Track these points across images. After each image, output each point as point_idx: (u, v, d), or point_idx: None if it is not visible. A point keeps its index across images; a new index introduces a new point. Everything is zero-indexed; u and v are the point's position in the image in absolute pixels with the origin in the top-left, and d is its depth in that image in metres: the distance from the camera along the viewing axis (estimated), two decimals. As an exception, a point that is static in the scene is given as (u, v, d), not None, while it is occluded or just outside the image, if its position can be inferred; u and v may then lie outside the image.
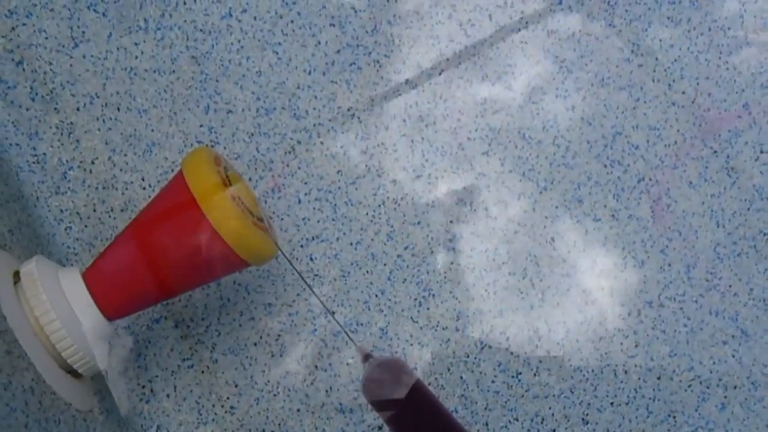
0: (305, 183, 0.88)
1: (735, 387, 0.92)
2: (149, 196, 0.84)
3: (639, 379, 0.91)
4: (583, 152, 0.93)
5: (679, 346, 0.92)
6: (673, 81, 0.94)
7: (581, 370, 0.90)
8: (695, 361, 0.92)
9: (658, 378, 0.91)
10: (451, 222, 0.90)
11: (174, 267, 0.67)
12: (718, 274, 0.93)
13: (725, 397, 0.92)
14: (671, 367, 0.91)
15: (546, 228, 0.91)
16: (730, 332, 0.93)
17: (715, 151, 0.94)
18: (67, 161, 0.84)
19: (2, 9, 0.83)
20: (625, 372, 0.91)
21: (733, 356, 0.93)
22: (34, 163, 0.83)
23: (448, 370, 0.88)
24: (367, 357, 0.64)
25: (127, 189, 0.85)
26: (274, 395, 0.85)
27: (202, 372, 0.84)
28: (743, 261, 0.94)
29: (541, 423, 0.89)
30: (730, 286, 0.93)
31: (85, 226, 0.83)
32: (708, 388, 0.92)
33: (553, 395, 0.89)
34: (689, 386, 0.91)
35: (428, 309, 0.89)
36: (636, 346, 0.91)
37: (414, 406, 0.62)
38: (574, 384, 0.90)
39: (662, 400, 0.91)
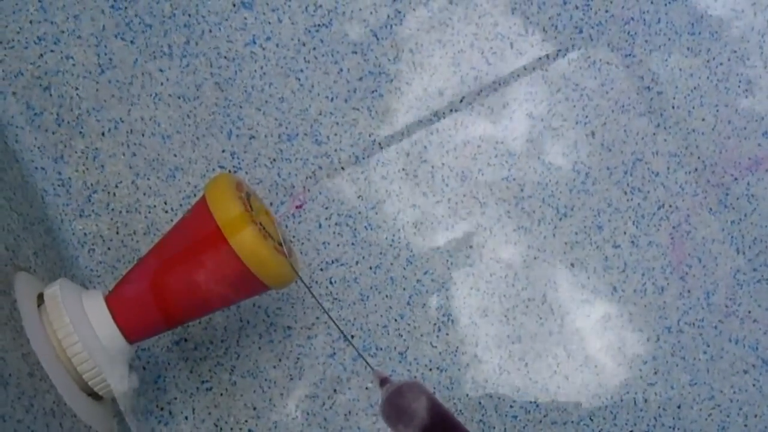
0: (326, 208, 0.89)
1: (756, 416, 0.92)
2: (172, 220, 0.85)
3: (659, 407, 0.90)
4: (603, 179, 0.93)
5: (699, 374, 0.91)
6: (693, 108, 0.94)
7: (600, 397, 0.90)
8: (715, 389, 0.91)
9: (678, 407, 0.91)
10: (470, 247, 0.90)
11: (195, 291, 0.67)
12: (738, 301, 0.93)
13: (746, 426, 0.91)
14: (691, 396, 0.91)
15: (566, 254, 0.92)
16: (750, 361, 0.92)
17: (736, 178, 0.94)
18: (91, 185, 0.85)
19: (31, 36, 0.85)
20: (645, 400, 0.90)
21: (754, 385, 0.92)
22: (59, 186, 0.84)
23: (467, 395, 0.88)
24: (384, 381, 0.64)
25: (150, 213, 0.86)
26: (293, 419, 0.85)
27: (221, 394, 0.85)
28: (763, 288, 0.93)
29: (560, 450, 0.89)
30: (749, 312, 0.93)
31: (109, 249, 0.84)
32: (728, 417, 0.91)
33: (572, 422, 0.89)
34: (709, 415, 0.91)
35: (447, 334, 0.89)
36: (655, 373, 0.91)
37: (434, 430, 0.62)
38: (592, 411, 0.89)
39: (682, 429, 0.90)
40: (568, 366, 0.90)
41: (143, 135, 0.86)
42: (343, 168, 0.89)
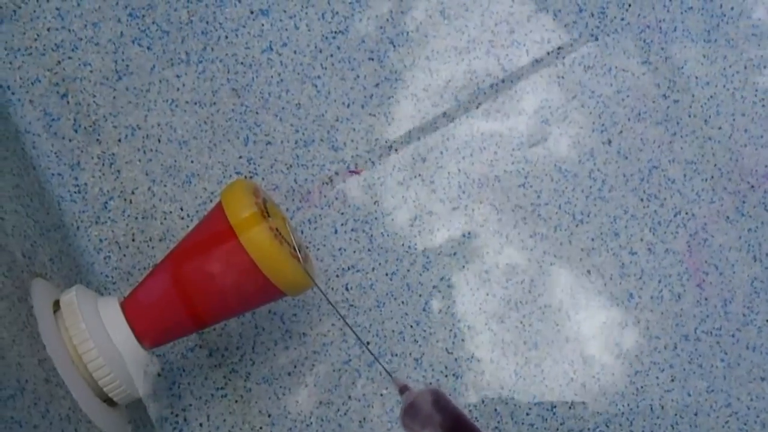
0: (342, 213, 0.89)
1: (773, 424, 0.91)
2: (188, 227, 0.85)
3: (676, 414, 0.90)
4: (619, 186, 0.93)
5: (716, 381, 0.91)
6: (710, 117, 0.94)
7: (617, 405, 0.89)
8: (732, 397, 0.91)
9: (695, 414, 0.90)
10: (487, 253, 0.90)
11: (211, 298, 0.67)
12: (756, 309, 0.93)
13: (763, 434, 0.91)
14: (708, 403, 0.90)
15: (582, 260, 0.91)
16: (767, 368, 0.92)
17: (752, 186, 0.94)
18: (107, 191, 0.85)
19: (49, 43, 0.85)
20: (662, 407, 0.90)
21: (771, 393, 0.92)
22: (75, 192, 0.84)
23: (482, 402, 0.88)
24: (404, 389, 0.64)
25: (166, 219, 0.86)
26: (307, 425, 0.85)
27: (236, 401, 0.85)
28: (781, 296, 0.93)
29: (576, 458, 0.88)
30: (767, 321, 0.92)
31: (124, 255, 0.85)
32: (745, 424, 0.91)
33: (588, 429, 0.89)
34: (726, 422, 0.90)
35: (463, 340, 0.89)
36: (672, 380, 0.90)
37: None
38: (609, 418, 0.89)
39: (699, 436, 0.90)
40: (585, 373, 0.89)
41: (160, 141, 0.87)
42: (359, 173, 0.90)
